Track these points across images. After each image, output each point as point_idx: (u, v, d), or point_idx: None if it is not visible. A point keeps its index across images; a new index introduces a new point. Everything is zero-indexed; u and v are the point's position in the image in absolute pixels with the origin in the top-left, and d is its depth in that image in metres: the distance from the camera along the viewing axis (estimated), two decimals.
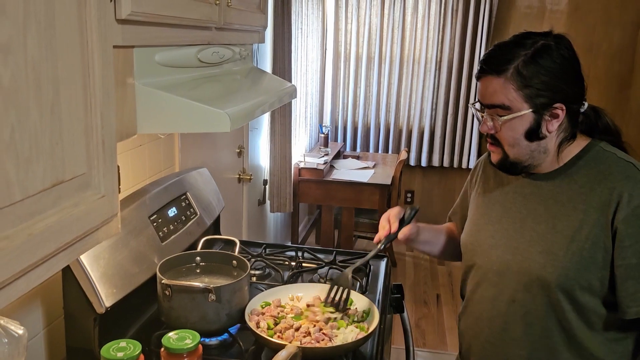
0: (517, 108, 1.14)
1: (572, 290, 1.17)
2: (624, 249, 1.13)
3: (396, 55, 4.62)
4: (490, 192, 1.35)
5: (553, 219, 1.20)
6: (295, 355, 1.14)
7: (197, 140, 2.17)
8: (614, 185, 1.15)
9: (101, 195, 0.84)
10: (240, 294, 1.33)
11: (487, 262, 1.29)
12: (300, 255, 1.83)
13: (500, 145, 1.20)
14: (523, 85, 1.12)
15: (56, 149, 0.73)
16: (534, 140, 1.17)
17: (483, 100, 1.18)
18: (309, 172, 3.76)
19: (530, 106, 1.13)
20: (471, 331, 1.36)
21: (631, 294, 1.14)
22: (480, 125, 1.23)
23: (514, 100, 1.13)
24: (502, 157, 1.21)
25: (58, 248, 0.75)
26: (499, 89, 1.14)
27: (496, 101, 1.15)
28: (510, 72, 1.13)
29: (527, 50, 1.13)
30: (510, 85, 1.13)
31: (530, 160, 1.20)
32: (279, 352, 1.12)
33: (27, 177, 0.67)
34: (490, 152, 1.26)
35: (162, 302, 1.29)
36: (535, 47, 1.13)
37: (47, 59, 0.69)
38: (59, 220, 0.74)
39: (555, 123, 1.16)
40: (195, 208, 1.68)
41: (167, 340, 1.05)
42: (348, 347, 1.23)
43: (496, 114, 1.16)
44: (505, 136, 1.18)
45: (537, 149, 1.18)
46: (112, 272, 1.24)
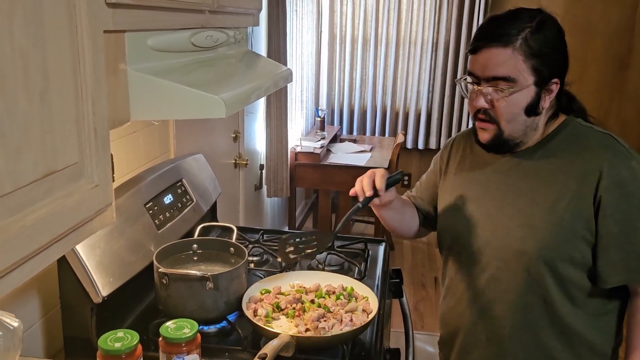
0: (523, 80, 1.12)
1: (553, 262, 1.17)
2: (606, 218, 1.14)
3: (392, 37, 4.58)
4: (467, 171, 1.33)
5: (532, 192, 1.20)
6: (288, 344, 1.13)
7: (192, 126, 2.15)
8: (593, 156, 1.16)
9: (94, 184, 0.83)
10: (238, 282, 1.31)
11: (467, 243, 1.28)
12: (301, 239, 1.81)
13: (495, 122, 1.18)
14: (531, 55, 1.11)
15: (47, 138, 0.71)
16: (531, 116, 1.17)
17: (483, 73, 1.14)
18: (305, 156, 3.74)
19: (534, 79, 1.13)
20: (453, 313, 1.36)
21: (611, 262, 1.15)
22: (472, 101, 1.19)
23: (522, 71, 1.12)
24: (496, 134, 1.19)
25: (52, 239, 0.74)
26: (507, 60, 1.11)
27: (502, 73, 1.12)
28: (519, 42, 1.11)
29: (531, 22, 1.12)
30: (519, 55, 1.11)
31: (522, 137, 1.20)
32: (271, 341, 1.11)
33: (17, 168, 0.65)
34: (476, 130, 1.23)
35: (159, 290, 1.28)
36: (538, 18, 1.13)
37: (34, 45, 0.66)
38: (52, 211, 0.72)
39: (548, 99, 1.16)
40: (191, 195, 1.66)
41: (165, 330, 1.04)
42: (344, 337, 1.22)
43: (497, 87, 1.14)
44: (504, 111, 1.15)
45: (531, 125, 1.18)
46: (108, 262, 1.22)
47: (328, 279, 1.45)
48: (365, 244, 1.79)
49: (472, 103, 1.19)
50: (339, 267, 1.63)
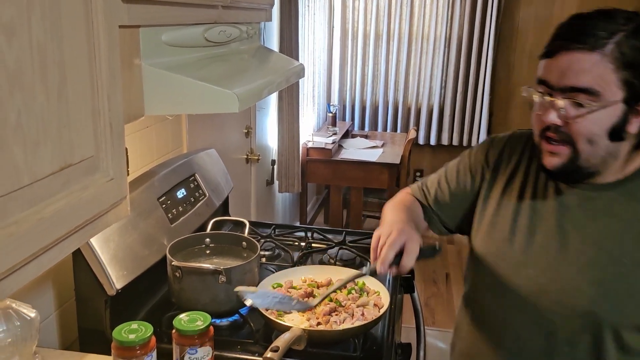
0: (609, 95, 0.92)
1: (624, 329, 0.99)
2: None
3: (404, 32, 4.56)
4: (519, 192, 1.12)
5: (607, 241, 1.00)
6: (299, 337, 1.14)
7: (204, 121, 2.16)
8: None
9: (110, 178, 0.84)
10: (250, 275, 1.32)
11: (514, 282, 1.08)
12: (309, 235, 1.82)
13: (569, 143, 0.97)
14: (623, 65, 0.91)
15: (63, 132, 0.72)
16: (615, 140, 0.96)
17: (560, 82, 0.95)
18: (317, 151, 3.75)
19: (624, 95, 0.92)
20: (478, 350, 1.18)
21: None
22: (540, 115, 0.99)
23: (609, 84, 0.92)
24: (569, 158, 0.98)
25: (68, 231, 0.75)
26: (592, 68, 0.92)
27: (584, 83, 0.92)
28: (609, 47, 0.91)
29: (626, 24, 0.93)
30: (608, 64, 0.91)
31: (600, 166, 1.00)
32: (283, 334, 1.12)
33: (35, 161, 0.67)
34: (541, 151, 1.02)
35: (172, 284, 1.30)
36: (636, 22, 0.94)
37: (52, 40, 0.67)
38: (69, 203, 0.74)
39: (637, 122, 0.96)
40: (204, 189, 1.67)
41: (178, 322, 1.05)
42: (355, 331, 1.23)
43: (576, 100, 0.94)
44: (583, 130, 0.95)
45: (612, 152, 0.98)
46: (122, 255, 1.24)
47: (340, 274, 1.45)
48: None
49: (541, 118, 0.99)
50: (350, 261, 1.63)
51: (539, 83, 0.99)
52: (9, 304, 0.86)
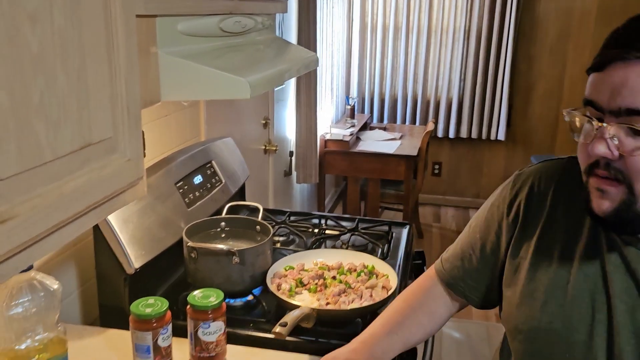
0: None
1: None
2: None
3: (424, 25, 4.56)
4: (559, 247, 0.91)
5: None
6: (308, 315, 1.19)
7: (222, 111, 2.21)
8: None
9: (127, 158, 0.89)
10: (263, 257, 1.37)
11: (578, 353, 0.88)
12: (323, 222, 1.86)
13: (625, 182, 0.76)
14: None
15: (83, 113, 0.77)
16: None
17: (612, 102, 0.74)
18: (335, 143, 3.79)
19: None
20: None
21: None
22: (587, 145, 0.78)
23: None
24: (623, 202, 0.77)
25: (88, 207, 0.80)
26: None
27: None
28: None
29: None
30: None
31: None
32: (292, 311, 1.17)
33: (57, 139, 0.72)
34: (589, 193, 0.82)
35: (188, 264, 1.35)
36: None
37: (72, 27, 0.72)
38: (88, 181, 0.79)
39: None
40: (220, 176, 1.72)
41: (192, 298, 1.10)
42: (363, 311, 1.27)
43: (634, 126, 0.73)
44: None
45: None
46: (140, 235, 1.30)
47: (350, 258, 1.50)
48: (389, 227, 1.83)
49: (588, 149, 0.78)
50: (362, 247, 1.67)
51: (586, 104, 0.79)
52: (33, 275, 0.92)
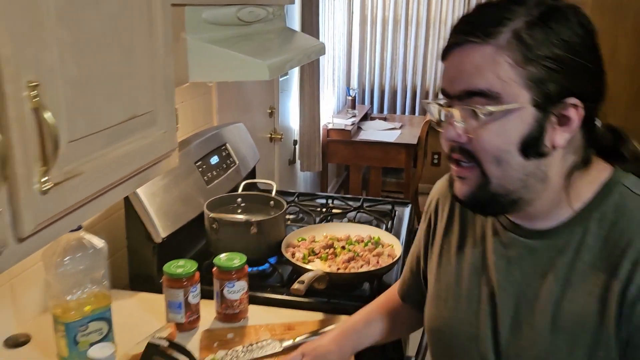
0: (511, 96, 0.72)
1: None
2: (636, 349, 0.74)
3: (422, 17, 4.67)
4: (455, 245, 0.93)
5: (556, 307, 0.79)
6: (321, 277, 1.31)
7: (232, 100, 2.33)
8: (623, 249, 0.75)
9: (164, 130, 1.01)
10: (278, 228, 1.49)
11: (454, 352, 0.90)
12: (330, 202, 1.99)
13: (476, 162, 0.77)
14: (525, 57, 0.71)
15: (132, 89, 0.89)
16: (531, 157, 0.75)
17: (453, 86, 0.76)
18: (337, 132, 3.90)
19: (532, 95, 0.72)
20: None
21: None
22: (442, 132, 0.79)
23: (508, 82, 0.72)
24: (479, 184, 0.77)
25: (132, 172, 0.92)
26: (485, 64, 0.72)
27: (478, 84, 0.73)
28: (504, 36, 0.72)
29: (531, 9, 0.73)
30: (504, 57, 0.71)
31: (522, 192, 0.77)
32: (307, 273, 1.29)
33: (111, 110, 0.84)
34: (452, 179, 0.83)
35: (210, 235, 1.47)
36: (546, 4, 0.74)
37: (123, 13, 0.84)
38: (133, 149, 0.91)
39: (565, 133, 0.75)
40: (234, 157, 1.84)
41: (218, 260, 1.23)
42: (371, 274, 1.39)
43: (474, 107, 0.74)
44: (487, 145, 0.75)
45: (533, 172, 0.76)
46: (166, 209, 1.41)
47: (357, 230, 1.62)
48: (392, 205, 1.95)
49: (443, 135, 0.79)
50: (367, 222, 1.79)
51: (441, 93, 0.80)
52: (82, 235, 1.04)
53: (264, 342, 1.15)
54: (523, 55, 0.71)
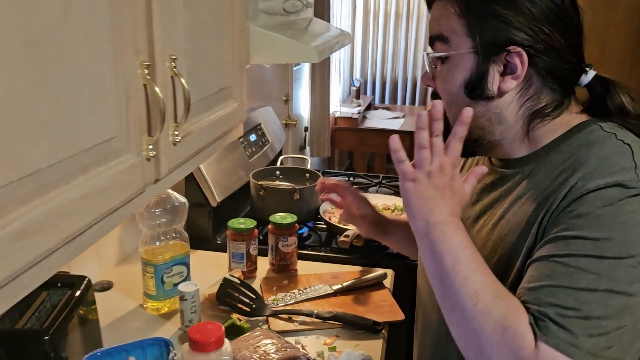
0: (457, 43, 0.83)
1: None
2: None
3: (423, 12, 4.86)
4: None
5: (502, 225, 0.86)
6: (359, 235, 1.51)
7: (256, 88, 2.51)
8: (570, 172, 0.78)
9: (238, 103, 1.20)
10: (315, 196, 1.69)
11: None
12: (352, 178, 2.18)
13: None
14: (467, 8, 0.81)
15: (222, 65, 1.08)
16: (477, 99, 0.83)
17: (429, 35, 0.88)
18: (344, 121, 4.09)
19: (472, 43, 0.81)
20: None
21: None
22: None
23: (453, 29, 0.82)
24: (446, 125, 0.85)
25: (220, 135, 1.11)
26: (440, 15, 0.84)
27: (434, 30, 0.85)
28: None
29: None
30: (452, 7, 0.82)
31: (479, 132, 0.86)
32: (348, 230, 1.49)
33: (211, 81, 1.03)
34: None
35: (255, 201, 1.66)
36: None
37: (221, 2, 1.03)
38: (220, 116, 1.09)
39: (512, 80, 0.81)
40: (268, 137, 2.03)
41: (274, 218, 1.42)
42: None
43: (434, 53, 0.86)
44: (441, 88, 0.87)
45: (484, 114, 0.84)
46: (219, 177, 1.60)
47: (383, 200, 1.82)
48: None
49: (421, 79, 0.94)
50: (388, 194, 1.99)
51: None
52: (168, 191, 1.22)
53: (316, 286, 1.34)
54: (466, 7, 0.81)
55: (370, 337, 1.19)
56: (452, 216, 0.80)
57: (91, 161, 0.67)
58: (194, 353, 0.90)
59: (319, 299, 1.31)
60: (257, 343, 1.08)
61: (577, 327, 0.68)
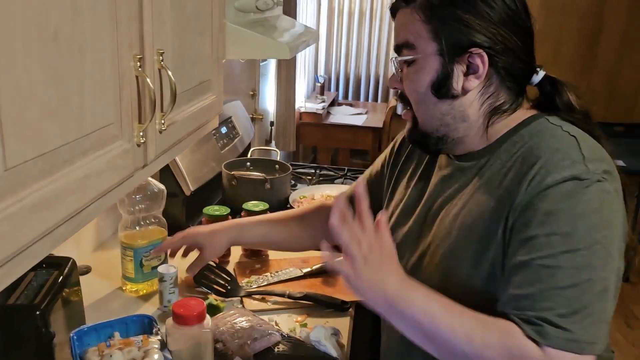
0: (422, 47, 0.89)
1: None
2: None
3: (386, 11, 4.99)
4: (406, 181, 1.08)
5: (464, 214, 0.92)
6: None
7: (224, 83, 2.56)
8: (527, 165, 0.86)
9: (215, 96, 1.27)
10: (285, 186, 1.77)
11: None
12: (319, 170, 2.27)
13: (410, 106, 0.96)
14: (431, 14, 0.88)
15: (202, 59, 1.15)
16: (443, 98, 0.91)
17: (394, 43, 0.95)
18: (309, 116, 4.18)
19: (437, 46, 0.88)
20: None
21: None
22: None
23: (421, 35, 0.89)
24: (413, 123, 0.96)
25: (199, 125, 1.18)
26: (406, 22, 0.91)
27: (401, 38, 0.92)
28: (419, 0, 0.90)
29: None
30: (417, 14, 0.89)
31: (445, 129, 0.93)
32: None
33: (193, 74, 1.09)
34: None
35: (227, 190, 1.73)
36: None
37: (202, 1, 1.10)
38: (200, 107, 1.16)
39: (474, 79, 0.89)
40: (238, 129, 2.10)
41: (247, 205, 1.49)
42: None
43: (400, 58, 0.93)
44: (409, 89, 0.94)
45: (450, 112, 0.92)
46: (192, 167, 1.67)
47: None
48: None
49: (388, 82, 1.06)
50: None
51: None
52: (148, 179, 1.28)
53: (287, 270, 1.43)
54: (431, 13, 0.88)
55: (338, 315, 1.28)
56: (402, 280, 0.84)
57: (91, 145, 0.73)
58: (178, 326, 0.97)
59: (290, 281, 1.39)
60: (234, 320, 1.16)
61: (571, 323, 0.76)
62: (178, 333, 0.97)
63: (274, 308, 1.28)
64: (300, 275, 1.40)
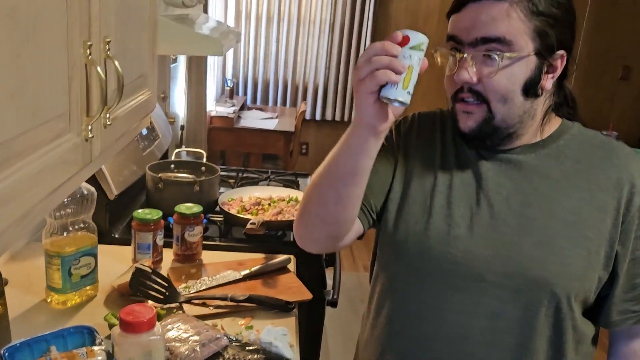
0: (522, 45, 0.87)
1: (575, 296, 0.92)
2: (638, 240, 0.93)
3: (294, 16, 5.02)
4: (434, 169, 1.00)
5: (547, 200, 0.93)
6: (262, 223, 1.57)
7: None
8: (622, 163, 0.94)
9: (150, 92, 1.20)
10: (214, 189, 1.72)
11: (451, 261, 0.93)
12: (240, 174, 2.23)
13: (484, 102, 0.90)
14: (534, 13, 0.86)
15: (140, 52, 1.08)
16: (530, 97, 0.91)
17: (469, 36, 0.88)
18: (220, 120, 4.10)
19: (536, 46, 0.87)
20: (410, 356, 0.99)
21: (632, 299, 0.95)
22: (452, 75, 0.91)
23: (520, 33, 0.86)
24: (485, 118, 0.91)
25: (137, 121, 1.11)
26: (501, 16, 0.86)
27: (494, 32, 0.86)
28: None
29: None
30: (516, 11, 0.86)
31: (518, 126, 0.93)
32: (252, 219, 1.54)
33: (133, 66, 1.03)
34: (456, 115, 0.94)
35: (153, 194, 1.65)
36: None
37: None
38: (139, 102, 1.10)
39: (551, 78, 0.92)
40: (157, 131, 2.01)
41: (179, 208, 1.43)
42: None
43: (490, 52, 0.87)
44: (497, 86, 0.88)
45: (529, 111, 0.92)
46: (116, 170, 1.57)
47: (278, 192, 1.89)
48: (296, 176, 2.24)
49: (453, 77, 0.91)
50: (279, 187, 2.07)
51: (449, 40, 0.92)
52: None
53: (224, 273, 1.38)
54: (533, 11, 0.86)
55: (283, 315, 1.25)
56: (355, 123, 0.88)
57: (44, 137, 0.67)
58: (126, 334, 0.91)
59: (229, 285, 1.34)
60: (177, 327, 1.10)
61: None
62: (127, 342, 0.90)
63: (216, 312, 1.23)
64: (240, 278, 1.36)
